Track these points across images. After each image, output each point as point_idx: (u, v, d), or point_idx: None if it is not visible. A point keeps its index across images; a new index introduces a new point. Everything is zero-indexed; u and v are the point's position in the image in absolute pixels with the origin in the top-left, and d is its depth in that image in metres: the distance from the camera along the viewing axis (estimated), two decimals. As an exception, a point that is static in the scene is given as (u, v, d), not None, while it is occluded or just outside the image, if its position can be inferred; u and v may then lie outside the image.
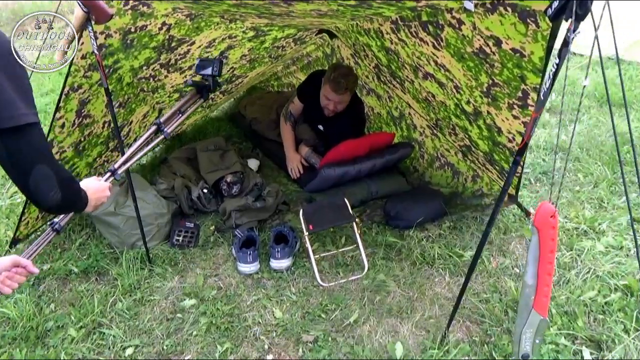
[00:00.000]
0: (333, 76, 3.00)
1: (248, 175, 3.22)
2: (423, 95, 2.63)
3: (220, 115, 4.73)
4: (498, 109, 2.00)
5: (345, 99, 3.08)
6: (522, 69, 1.64)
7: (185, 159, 3.38)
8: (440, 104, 2.50)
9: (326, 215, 2.45)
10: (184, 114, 1.94)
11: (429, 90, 2.50)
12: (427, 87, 2.49)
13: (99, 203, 1.52)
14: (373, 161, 2.99)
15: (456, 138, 2.75)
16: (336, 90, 3.01)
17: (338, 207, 2.52)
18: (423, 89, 2.56)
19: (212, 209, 3.04)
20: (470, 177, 2.93)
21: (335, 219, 2.42)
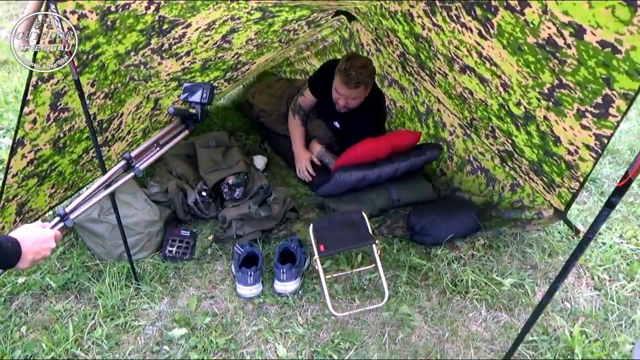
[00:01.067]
0: (345, 67, 2.60)
1: (253, 176, 2.85)
2: (458, 90, 2.22)
3: (227, 104, 4.35)
4: (561, 115, 1.59)
5: (358, 95, 2.69)
6: (611, 68, 1.23)
7: (183, 155, 3.02)
8: (479, 102, 2.10)
9: (341, 233, 2.08)
10: (163, 147, 1.58)
11: (465, 86, 2.09)
12: (463, 82, 2.08)
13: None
14: (395, 164, 2.60)
15: (495, 142, 2.35)
16: (347, 83, 2.62)
17: (354, 223, 2.14)
18: (458, 84, 2.15)
19: (211, 215, 2.68)
20: (508, 186, 2.52)
21: (351, 239, 2.04)
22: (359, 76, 2.57)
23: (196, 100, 1.61)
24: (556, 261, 2.24)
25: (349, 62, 2.59)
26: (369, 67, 2.63)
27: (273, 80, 4.10)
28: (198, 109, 1.62)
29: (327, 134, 3.00)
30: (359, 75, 2.57)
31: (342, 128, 2.92)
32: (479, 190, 2.69)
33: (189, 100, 1.63)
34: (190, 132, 1.64)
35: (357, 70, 2.56)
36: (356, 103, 2.73)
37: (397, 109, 3.20)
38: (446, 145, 2.87)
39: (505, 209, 2.51)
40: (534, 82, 1.56)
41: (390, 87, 3.11)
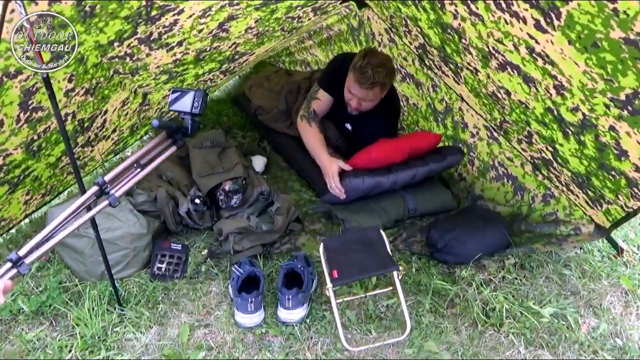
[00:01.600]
0: (360, 64, 2.29)
1: (252, 181, 2.55)
2: (489, 89, 1.93)
3: (222, 96, 4.03)
4: (637, 127, 1.31)
5: (373, 97, 2.39)
6: None
7: (175, 157, 2.72)
8: (517, 104, 1.81)
9: (356, 256, 1.79)
10: (145, 168, 1.28)
11: (501, 85, 1.81)
12: (500, 81, 1.79)
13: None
14: (413, 170, 2.32)
15: (529, 148, 2.07)
16: (361, 82, 2.31)
17: (371, 243, 1.86)
18: (492, 82, 1.86)
19: (205, 226, 2.39)
20: (540, 197, 2.25)
21: (369, 264, 1.75)
22: (376, 76, 2.26)
23: (186, 110, 1.32)
24: (600, 286, 1.98)
25: (366, 58, 2.28)
26: (387, 66, 2.32)
27: (271, 72, 3.79)
28: (188, 120, 1.32)
29: (335, 136, 2.71)
30: (376, 74, 2.26)
31: (354, 130, 2.62)
32: (505, 199, 2.41)
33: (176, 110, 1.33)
34: (178, 148, 1.34)
35: (374, 69, 2.25)
36: (370, 105, 2.43)
37: (409, 106, 2.91)
38: (466, 148, 2.59)
39: (537, 223, 2.23)
40: (606, 87, 1.28)
41: (403, 82, 2.81)
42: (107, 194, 1.18)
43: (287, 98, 3.13)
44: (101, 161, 2.93)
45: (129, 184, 1.23)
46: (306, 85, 3.11)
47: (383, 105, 2.50)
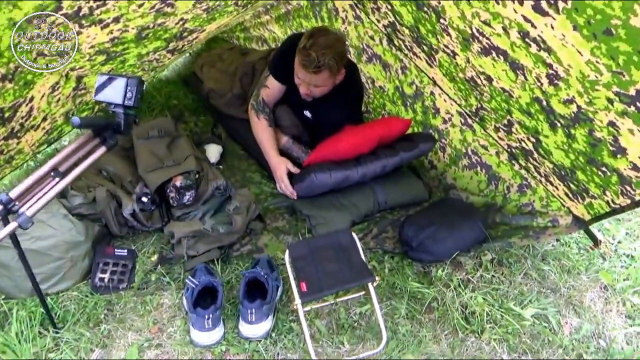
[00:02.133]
0: (305, 45, 2.02)
1: (206, 174, 2.30)
2: (468, 74, 1.76)
3: (172, 76, 3.70)
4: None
5: (321, 82, 2.13)
6: None
7: (117, 149, 2.42)
8: (499, 92, 1.65)
9: (327, 266, 1.60)
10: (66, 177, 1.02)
11: (483, 71, 1.64)
12: (481, 66, 1.62)
13: None
14: (383, 161, 2.14)
15: (507, 137, 1.93)
16: (305, 66, 2.06)
17: (343, 249, 1.67)
18: (471, 67, 1.69)
19: (154, 227, 2.13)
20: (515, 187, 2.13)
21: (342, 274, 1.56)
22: (322, 59, 1.99)
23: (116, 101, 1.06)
24: (580, 283, 1.89)
25: (312, 39, 2.01)
26: (336, 48, 2.03)
27: (225, 49, 3.48)
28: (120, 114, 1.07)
29: (295, 123, 2.47)
30: (322, 57, 1.99)
31: (314, 118, 2.39)
32: (479, 189, 2.28)
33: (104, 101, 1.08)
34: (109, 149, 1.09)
35: (318, 51, 1.98)
36: (321, 91, 2.20)
37: (375, 89, 2.71)
38: (437, 134, 2.43)
39: (513, 214, 2.12)
40: (613, 79, 1.12)
41: (369, 63, 2.61)
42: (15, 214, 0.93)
43: (242, 80, 2.86)
44: (32, 153, 2.59)
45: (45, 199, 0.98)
46: (262, 67, 2.85)
47: (343, 89, 2.27)
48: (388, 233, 2.14)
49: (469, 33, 1.51)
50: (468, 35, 1.53)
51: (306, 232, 2.13)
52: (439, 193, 2.40)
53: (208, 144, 2.64)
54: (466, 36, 1.54)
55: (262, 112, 2.41)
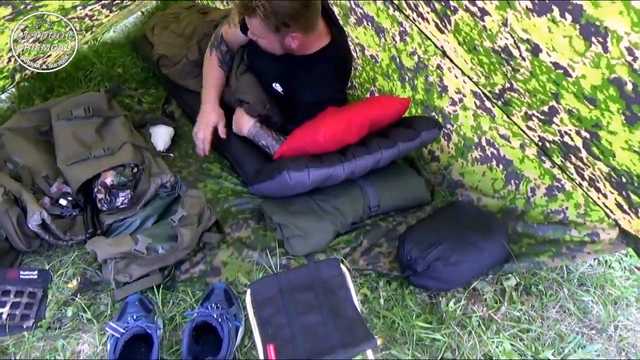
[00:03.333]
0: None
1: (148, 167, 1.78)
2: (500, 42, 1.27)
3: (119, 39, 3.08)
4: None
5: (254, 28, 1.61)
6: None
7: (31, 131, 1.86)
8: (548, 68, 1.17)
9: (306, 317, 1.12)
10: None
11: (527, 37, 1.15)
12: (526, 31, 1.14)
13: None
14: (376, 154, 1.65)
15: (543, 127, 1.46)
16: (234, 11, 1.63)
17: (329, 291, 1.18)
18: (509, 32, 1.20)
19: (76, 240, 1.61)
20: (542, 188, 1.68)
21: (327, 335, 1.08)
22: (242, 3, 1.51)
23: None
24: (631, 319, 1.46)
25: None
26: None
27: (182, 8, 2.88)
28: None
29: (260, 99, 1.93)
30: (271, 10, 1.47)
31: (285, 92, 1.86)
32: (493, 188, 1.83)
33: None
34: None
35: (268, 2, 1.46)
36: (264, 45, 1.68)
37: (365, 58, 2.19)
38: (441, 118, 1.95)
39: (538, 223, 1.68)
40: None
41: (359, 26, 2.08)
42: None
43: (200, 44, 2.29)
44: None
45: None
46: None
47: (324, 59, 1.76)
48: (382, 247, 1.67)
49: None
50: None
51: (277, 246, 1.65)
52: (442, 192, 1.94)
53: (155, 126, 2.09)
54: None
55: (217, 49, 1.98)
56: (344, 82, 1.95)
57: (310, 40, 1.68)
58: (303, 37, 1.61)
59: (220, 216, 1.76)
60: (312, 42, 1.70)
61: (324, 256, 1.63)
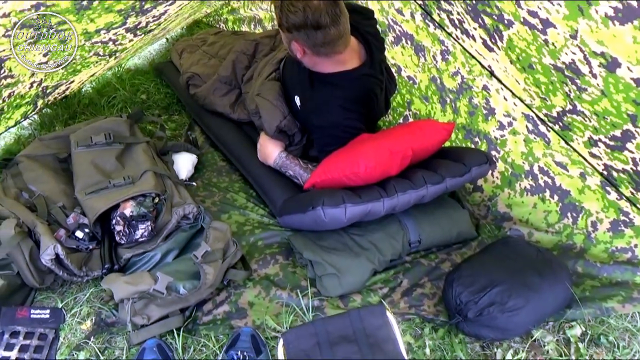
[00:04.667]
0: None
1: (170, 198, 1.66)
2: (566, 58, 1.12)
3: (143, 65, 3.04)
4: None
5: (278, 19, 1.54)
6: None
7: (49, 158, 1.78)
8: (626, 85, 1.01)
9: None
10: None
11: (602, 51, 1.00)
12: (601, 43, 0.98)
13: None
14: (421, 190, 1.49)
15: (611, 154, 1.29)
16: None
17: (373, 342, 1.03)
18: (578, 46, 1.05)
19: (92, 275, 1.48)
20: (606, 222, 1.50)
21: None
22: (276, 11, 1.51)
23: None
24: None
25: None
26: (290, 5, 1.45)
27: (209, 34, 2.82)
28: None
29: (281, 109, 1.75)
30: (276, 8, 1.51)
31: (302, 107, 1.73)
32: (546, 222, 1.65)
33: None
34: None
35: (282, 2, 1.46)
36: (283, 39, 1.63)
37: (402, 79, 2.06)
38: (484, 143, 1.80)
39: (602, 262, 1.49)
40: None
41: (396, 45, 1.96)
42: None
43: (235, 63, 2.19)
44: None
45: None
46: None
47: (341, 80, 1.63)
48: (425, 288, 1.50)
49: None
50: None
51: (309, 285, 1.49)
52: (488, 226, 1.76)
53: (178, 153, 1.98)
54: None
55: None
56: (366, 110, 1.76)
57: (324, 62, 1.59)
58: (311, 55, 1.56)
59: (246, 251, 1.62)
60: (328, 64, 1.60)
61: (359, 297, 1.47)
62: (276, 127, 1.75)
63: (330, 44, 1.52)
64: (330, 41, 1.51)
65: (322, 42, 1.51)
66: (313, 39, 1.50)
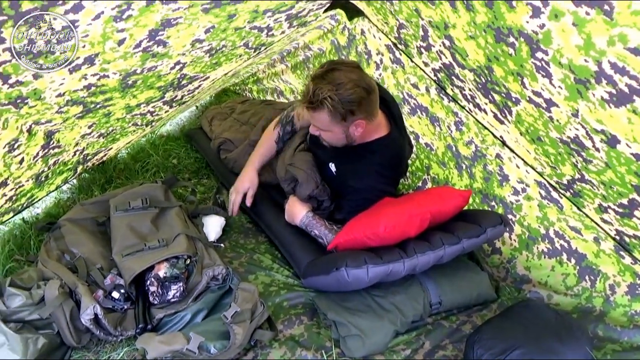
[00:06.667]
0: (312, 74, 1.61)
1: (201, 259, 1.75)
2: (570, 133, 1.22)
3: (174, 131, 3.25)
4: None
5: (320, 123, 1.65)
6: None
7: (89, 222, 1.90)
8: (628, 159, 1.10)
9: None
10: None
11: (602, 128, 1.10)
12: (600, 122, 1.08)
13: None
14: (439, 251, 1.56)
15: (621, 221, 1.36)
16: (302, 99, 1.62)
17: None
18: (580, 123, 1.15)
19: (126, 335, 1.56)
20: (623, 286, 1.53)
21: None
22: (318, 93, 1.54)
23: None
24: None
25: (324, 68, 1.58)
26: (345, 88, 1.53)
27: (236, 102, 3.02)
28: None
29: (314, 179, 1.91)
30: (318, 92, 1.54)
31: (337, 173, 1.86)
32: (565, 285, 1.69)
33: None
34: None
35: (318, 85, 1.54)
36: (329, 138, 1.71)
37: (420, 146, 2.18)
38: (501, 207, 1.87)
39: (622, 326, 1.51)
40: None
41: (412, 116, 2.10)
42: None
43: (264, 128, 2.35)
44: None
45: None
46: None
47: (379, 146, 1.76)
48: (447, 350, 1.54)
49: (592, 71, 0.98)
50: (589, 75, 1.00)
51: (333, 346, 1.54)
52: (508, 288, 1.80)
53: (207, 216, 2.10)
54: (585, 75, 1.01)
55: (282, 127, 2.10)
56: (396, 174, 1.91)
57: (370, 129, 1.71)
58: (366, 124, 1.65)
59: (271, 311, 1.68)
60: (371, 130, 1.72)
61: (382, 358, 1.51)
62: (308, 195, 1.87)
63: (376, 103, 1.65)
64: (375, 100, 1.64)
65: (373, 105, 1.63)
66: (369, 105, 1.62)
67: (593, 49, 0.95)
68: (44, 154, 1.96)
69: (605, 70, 0.96)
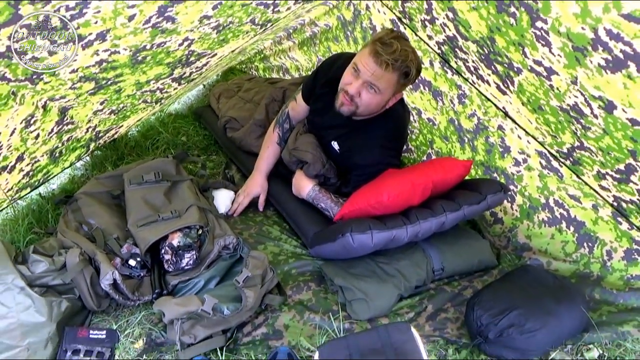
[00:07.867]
0: (382, 37, 1.59)
1: (212, 229, 1.82)
2: (570, 100, 1.26)
3: (182, 109, 3.30)
4: None
5: (384, 84, 1.63)
6: None
7: (104, 196, 1.97)
8: (624, 124, 1.14)
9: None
10: None
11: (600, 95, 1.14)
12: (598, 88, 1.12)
13: None
14: (440, 218, 1.63)
15: (618, 186, 1.41)
16: (378, 54, 1.56)
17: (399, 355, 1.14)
18: (579, 90, 1.19)
19: (143, 300, 1.64)
20: (620, 252, 1.59)
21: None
22: (402, 54, 1.55)
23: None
24: None
25: (393, 33, 1.60)
26: (416, 57, 1.61)
27: (243, 80, 3.06)
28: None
29: (320, 158, 1.97)
30: (403, 53, 1.55)
31: (341, 151, 1.91)
32: (564, 252, 1.74)
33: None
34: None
35: (402, 46, 1.56)
36: (370, 100, 1.69)
37: (422, 121, 2.23)
38: (503, 179, 1.92)
39: (618, 290, 1.57)
40: None
41: (414, 91, 2.13)
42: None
43: (268, 107, 2.42)
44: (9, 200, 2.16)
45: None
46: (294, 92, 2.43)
47: (385, 120, 1.81)
48: (448, 313, 1.61)
49: (589, 38, 1.02)
50: (586, 42, 1.04)
51: (339, 309, 1.61)
52: (509, 256, 1.86)
53: (217, 190, 2.16)
54: (582, 43, 1.05)
55: (280, 126, 2.14)
56: (399, 147, 1.96)
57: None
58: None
59: (280, 278, 1.75)
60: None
61: (387, 321, 1.58)
62: (315, 174, 1.93)
63: None
64: None
65: None
66: None
67: (589, 17, 0.99)
68: (59, 129, 2.02)
69: (601, 37, 1.00)
